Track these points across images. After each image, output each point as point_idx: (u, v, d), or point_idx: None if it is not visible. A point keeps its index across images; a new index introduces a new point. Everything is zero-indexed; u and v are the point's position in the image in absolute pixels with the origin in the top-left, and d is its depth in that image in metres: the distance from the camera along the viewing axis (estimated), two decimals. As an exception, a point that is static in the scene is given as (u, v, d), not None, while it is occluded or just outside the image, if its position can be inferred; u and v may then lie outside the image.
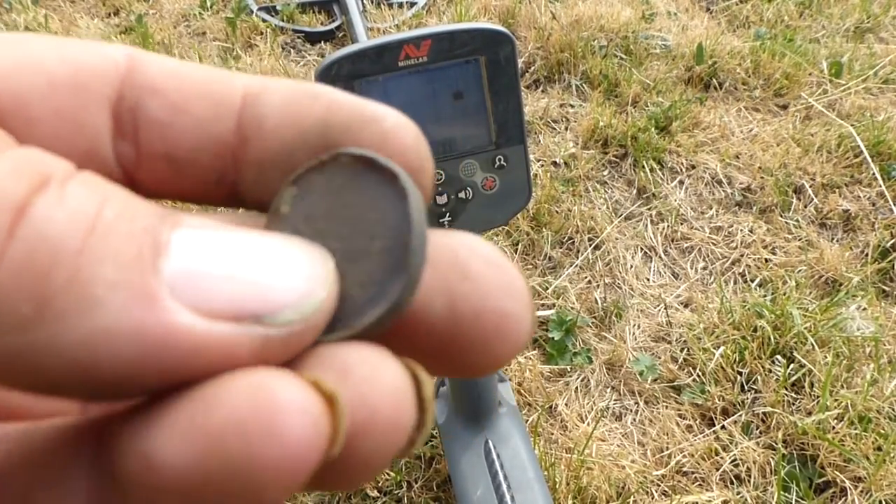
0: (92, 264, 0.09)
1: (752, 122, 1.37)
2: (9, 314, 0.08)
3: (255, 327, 0.10)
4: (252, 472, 0.09)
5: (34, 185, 0.09)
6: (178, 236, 0.10)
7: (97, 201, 0.09)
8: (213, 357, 0.09)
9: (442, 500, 0.83)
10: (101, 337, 0.09)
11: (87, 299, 0.09)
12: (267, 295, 0.10)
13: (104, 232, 0.09)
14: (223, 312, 0.09)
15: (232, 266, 0.10)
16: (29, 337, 0.09)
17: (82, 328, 0.09)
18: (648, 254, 1.14)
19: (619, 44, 1.54)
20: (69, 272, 0.09)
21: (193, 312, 0.09)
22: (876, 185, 1.21)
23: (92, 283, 0.09)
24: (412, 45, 0.48)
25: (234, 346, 0.09)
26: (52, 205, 0.09)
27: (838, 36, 1.60)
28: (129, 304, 0.09)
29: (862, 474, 0.82)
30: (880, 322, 0.97)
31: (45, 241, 0.09)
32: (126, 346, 0.09)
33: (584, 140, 1.32)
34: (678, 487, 0.84)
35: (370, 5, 1.76)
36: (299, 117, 0.12)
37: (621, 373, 0.97)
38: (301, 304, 0.10)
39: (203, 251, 0.10)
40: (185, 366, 0.09)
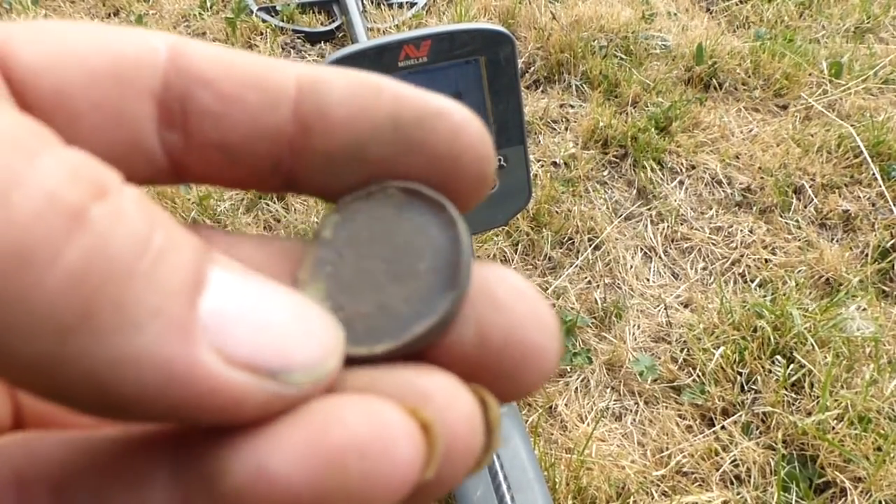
0: (142, 286, 0.09)
1: (752, 123, 1.37)
2: (51, 320, 0.08)
3: (268, 382, 0.10)
4: (366, 487, 0.09)
5: (93, 191, 0.09)
6: (216, 274, 0.10)
7: (149, 223, 0.09)
8: (224, 402, 0.09)
9: (442, 500, 0.83)
10: (131, 360, 0.09)
11: (129, 322, 0.09)
12: (285, 354, 0.10)
13: (155, 257, 0.09)
14: (244, 362, 0.10)
15: (259, 316, 0.10)
16: (63, 346, 0.09)
17: (117, 348, 0.09)
18: (648, 254, 1.14)
19: (619, 44, 1.54)
20: (120, 289, 0.09)
21: (218, 355, 0.09)
22: (876, 186, 1.21)
23: (137, 307, 0.09)
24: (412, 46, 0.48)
25: (245, 395, 0.10)
26: (112, 218, 0.09)
27: (838, 36, 1.61)
28: (165, 334, 0.09)
29: (862, 474, 0.82)
30: (880, 322, 0.97)
31: (102, 255, 0.09)
32: (152, 373, 0.09)
33: (584, 140, 1.32)
34: (678, 488, 0.84)
35: (370, 5, 1.76)
36: (369, 111, 0.12)
37: (621, 373, 0.97)
38: (314, 368, 0.10)
39: (237, 295, 0.10)
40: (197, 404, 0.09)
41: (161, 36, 0.12)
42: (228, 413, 0.10)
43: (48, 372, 0.09)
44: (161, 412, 0.09)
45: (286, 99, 0.12)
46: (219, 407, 0.09)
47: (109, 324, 0.09)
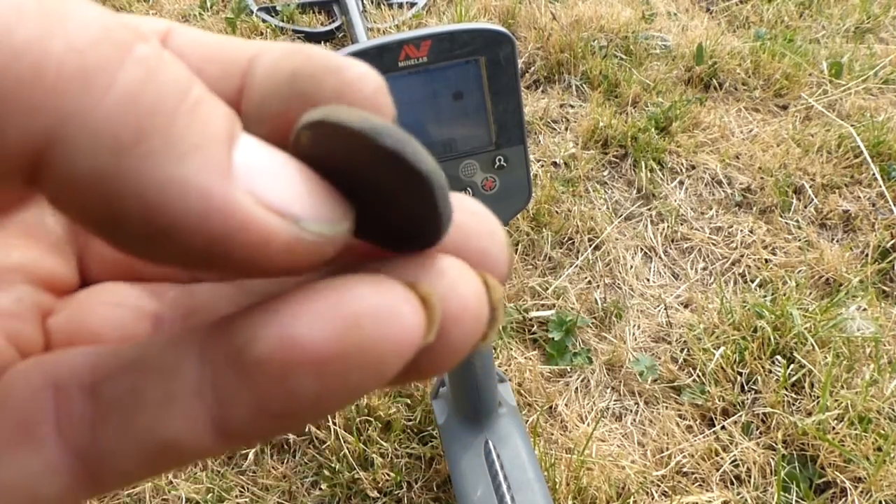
0: (185, 123, 0.10)
1: (752, 123, 1.37)
2: (107, 136, 0.10)
3: (293, 226, 0.11)
4: (378, 346, 0.11)
5: (139, 35, 0.10)
6: (244, 137, 0.11)
7: (189, 75, 0.11)
8: (254, 238, 0.11)
9: (442, 501, 0.83)
10: (176, 184, 0.10)
11: (175, 150, 0.10)
12: (308, 206, 0.11)
13: (196, 102, 0.10)
14: (272, 205, 0.11)
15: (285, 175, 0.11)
16: (119, 161, 0.10)
17: (164, 172, 0.10)
18: (648, 254, 1.14)
19: (619, 44, 1.54)
20: (167, 120, 0.10)
21: (250, 196, 0.11)
22: (876, 186, 1.21)
23: (182, 138, 0.10)
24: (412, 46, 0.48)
25: (272, 233, 0.11)
26: (157, 56, 0.10)
27: (838, 36, 1.60)
28: (206, 167, 0.10)
29: (862, 475, 0.82)
30: (880, 322, 0.97)
31: (152, 85, 0.10)
32: (194, 198, 0.10)
33: (584, 140, 1.32)
34: (678, 488, 0.84)
35: (370, 5, 1.76)
36: (276, 71, 0.13)
37: (621, 373, 0.97)
38: (331, 223, 0.12)
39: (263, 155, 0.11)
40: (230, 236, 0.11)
41: (163, 22, 0.14)
42: (257, 250, 0.11)
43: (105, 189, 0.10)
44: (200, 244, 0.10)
45: (237, 71, 0.14)
46: (249, 242, 0.11)
47: (158, 149, 0.10)
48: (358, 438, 0.86)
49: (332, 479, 0.84)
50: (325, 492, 0.84)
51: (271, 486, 0.85)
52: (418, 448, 0.86)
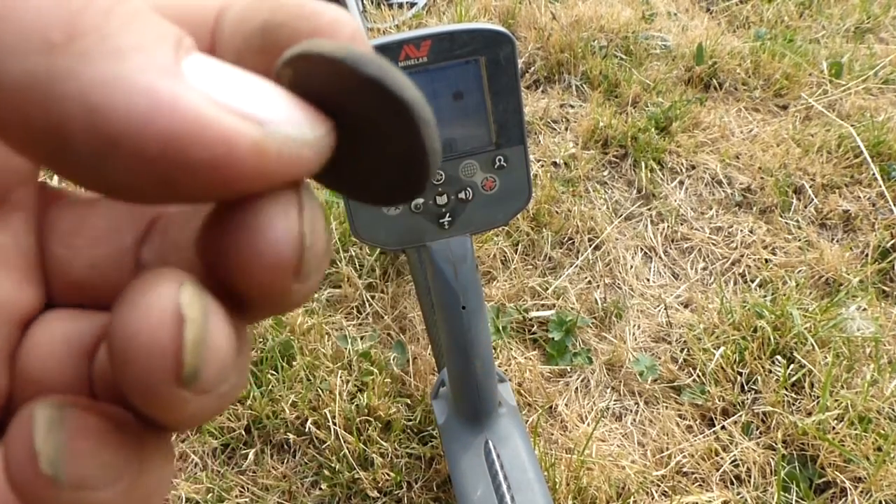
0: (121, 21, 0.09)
1: (752, 123, 1.37)
2: (39, 35, 0.09)
3: (257, 128, 0.10)
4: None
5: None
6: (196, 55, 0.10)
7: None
8: (214, 139, 0.10)
9: (442, 501, 0.83)
10: (119, 82, 0.09)
11: (112, 48, 0.09)
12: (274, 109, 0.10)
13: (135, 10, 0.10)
14: (231, 106, 0.10)
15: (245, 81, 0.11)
16: (51, 61, 0.09)
17: (103, 70, 0.09)
18: (648, 254, 1.14)
19: (619, 44, 1.54)
20: (99, 16, 0.09)
21: (203, 96, 0.10)
22: (876, 186, 1.21)
23: (119, 35, 0.09)
24: (412, 46, 0.48)
25: (233, 137, 0.10)
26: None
27: (838, 36, 1.60)
28: (149, 66, 0.09)
29: (862, 475, 0.82)
30: (880, 322, 0.97)
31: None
32: (140, 100, 0.09)
33: (584, 140, 1.32)
34: (678, 488, 0.84)
35: (370, 5, 1.76)
36: (244, 22, 0.13)
37: (621, 373, 0.97)
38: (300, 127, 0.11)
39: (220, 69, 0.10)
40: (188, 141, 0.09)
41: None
42: (220, 158, 0.10)
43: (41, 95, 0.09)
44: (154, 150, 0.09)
45: (205, 27, 0.13)
46: (208, 146, 0.10)
47: (95, 46, 0.09)
48: (358, 438, 0.86)
49: (332, 479, 0.84)
50: (325, 492, 0.84)
51: (271, 485, 0.85)
52: (418, 448, 0.86)
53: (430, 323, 0.92)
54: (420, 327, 1.01)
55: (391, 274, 1.09)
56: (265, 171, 0.10)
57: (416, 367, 0.95)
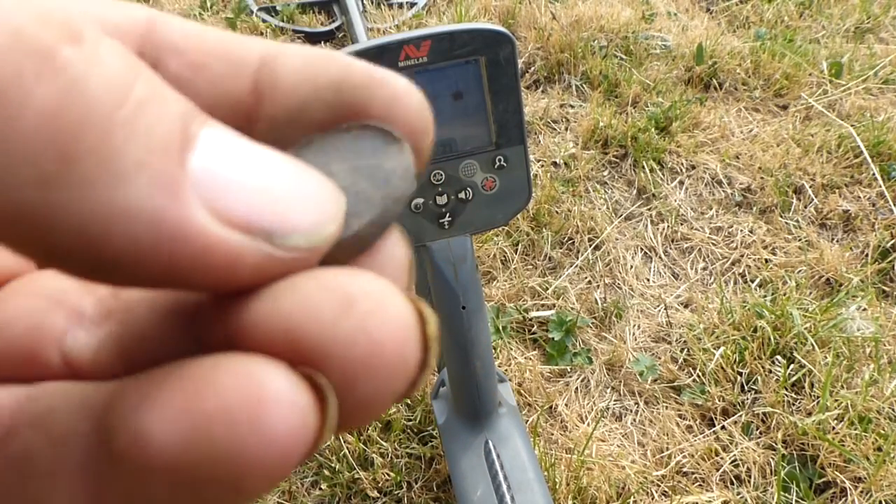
0: (123, 136, 0.09)
1: (752, 123, 1.37)
2: (31, 166, 0.08)
3: (264, 244, 0.10)
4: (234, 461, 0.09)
5: (67, 35, 0.09)
6: (207, 133, 0.10)
7: (129, 73, 0.09)
8: (218, 261, 0.09)
9: (442, 501, 0.83)
10: (119, 212, 0.09)
11: (113, 171, 0.08)
12: (283, 215, 0.10)
13: (137, 106, 0.09)
14: (238, 221, 0.09)
15: (255, 178, 0.10)
16: (47, 195, 0.08)
17: (102, 199, 0.08)
18: (648, 254, 1.14)
19: (619, 44, 1.54)
20: (99, 137, 0.08)
21: (210, 213, 0.09)
22: (876, 186, 1.21)
23: (121, 156, 0.08)
24: (412, 46, 0.48)
25: (240, 255, 0.09)
26: (88, 60, 0.09)
27: (838, 36, 1.60)
28: (153, 187, 0.09)
29: (862, 475, 0.82)
30: (880, 322, 0.97)
31: (77, 98, 0.08)
32: (141, 228, 0.09)
33: (584, 140, 1.32)
34: (678, 488, 0.84)
35: (370, 6, 1.76)
36: (315, 76, 0.13)
37: (621, 373, 0.97)
38: (311, 232, 0.10)
39: (229, 155, 0.10)
40: (189, 263, 0.09)
41: (143, 8, 0.13)
42: (224, 275, 0.09)
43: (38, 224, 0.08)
44: (157, 272, 0.09)
45: (248, 69, 0.12)
46: (213, 267, 0.09)
47: (91, 173, 0.08)
48: (358, 438, 0.86)
49: (332, 479, 0.84)
50: (325, 492, 0.84)
51: (271, 486, 0.85)
52: (418, 448, 0.86)
53: (430, 323, 0.92)
54: (420, 327, 1.01)
55: (391, 274, 1.08)
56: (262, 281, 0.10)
57: (416, 367, 0.95)
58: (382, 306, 0.10)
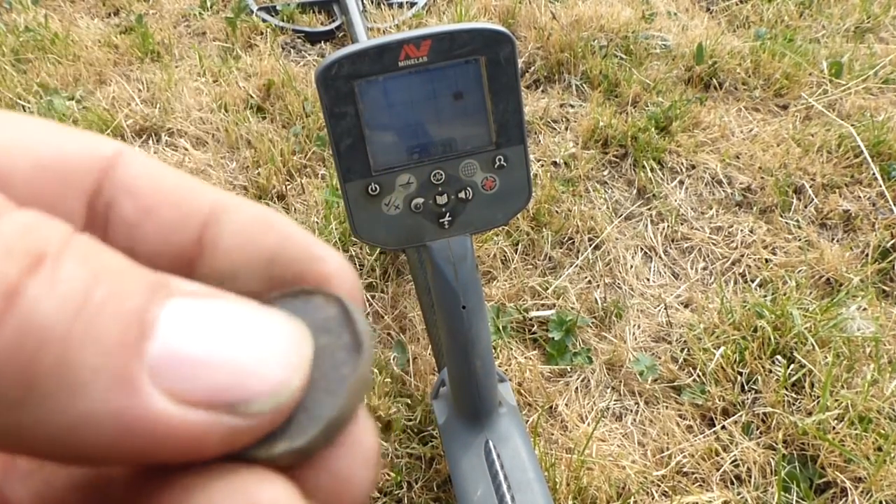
0: (78, 349, 0.09)
1: (752, 122, 1.37)
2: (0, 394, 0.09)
3: (227, 416, 0.10)
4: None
5: (26, 266, 0.09)
6: (167, 312, 0.10)
7: (88, 280, 0.10)
8: (183, 442, 0.10)
9: (442, 501, 0.83)
10: (82, 419, 0.09)
11: (72, 384, 0.09)
12: (244, 384, 0.10)
13: (92, 316, 0.09)
14: (199, 400, 0.10)
15: (215, 347, 0.10)
16: (16, 417, 0.09)
17: (66, 411, 0.09)
18: (648, 254, 1.14)
19: (619, 44, 1.54)
20: (56, 357, 0.09)
21: (170, 399, 0.10)
22: (876, 186, 1.21)
23: (77, 369, 0.09)
24: (412, 45, 0.48)
25: (204, 433, 0.10)
26: (45, 287, 0.09)
27: (838, 36, 1.60)
28: (110, 389, 0.09)
29: (862, 474, 0.82)
30: (880, 322, 0.97)
31: (33, 327, 0.09)
32: (105, 428, 0.09)
33: (584, 140, 1.32)
34: (678, 488, 0.84)
35: (370, 5, 1.75)
36: (251, 244, 0.13)
37: (621, 373, 0.97)
38: (275, 393, 0.10)
39: (190, 327, 0.10)
40: (158, 449, 0.10)
41: (113, 144, 0.13)
42: (192, 451, 0.10)
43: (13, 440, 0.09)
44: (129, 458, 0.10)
45: (196, 220, 0.13)
46: (180, 447, 0.10)
47: (53, 389, 0.09)
48: (358, 438, 0.86)
49: (332, 479, 0.84)
50: None
51: (271, 485, 0.85)
52: (418, 448, 0.86)
53: (430, 323, 0.92)
54: (420, 327, 1.01)
55: (391, 274, 1.09)
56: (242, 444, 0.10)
57: (416, 367, 0.95)
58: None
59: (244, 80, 1.50)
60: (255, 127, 1.36)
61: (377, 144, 0.51)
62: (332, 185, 1.22)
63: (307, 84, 1.49)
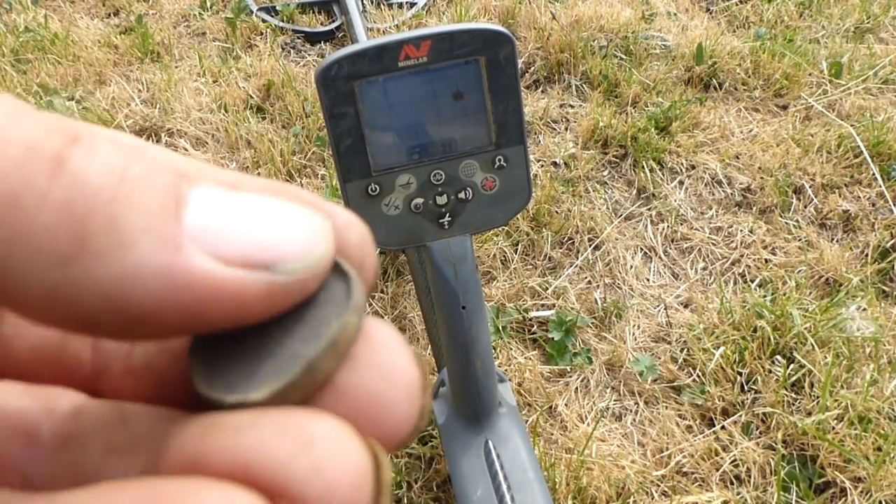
0: (125, 211, 0.10)
1: (752, 123, 1.37)
2: (51, 250, 0.10)
3: (264, 273, 0.11)
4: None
5: (67, 139, 0.10)
6: (196, 193, 0.11)
7: (124, 157, 0.11)
8: (228, 297, 0.11)
9: (442, 501, 0.83)
10: (132, 274, 0.10)
11: (121, 241, 0.10)
12: (275, 247, 0.11)
13: (133, 184, 0.10)
14: (236, 260, 0.11)
15: (243, 222, 0.11)
16: (68, 271, 0.10)
17: (117, 265, 0.10)
18: (648, 254, 1.14)
19: (619, 44, 1.54)
20: (105, 216, 0.10)
21: (212, 258, 0.11)
22: (876, 186, 1.21)
23: (125, 228, 0.10)
24: (412, 46, 0.48)
25: (245, 288, 0.11)
26: (87, 157, 0.10)
27: (838, 36, 1.60)
28: (156, 247, 0.10)
29: (862, 475, 0.82)
30: (880, 322, 0.97)
31: (83, 188, 0.10)
32: (154, 283, 0.10)
33: (584, 140, 1.32)
34: (678, 488, 0.84)
35: (370, 5, 1.76)
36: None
37: (621, 373, 0.97)
38: (303, 256, 0.11)
39: (218, 208, 0.11)
40: (204, 304, 0.10)
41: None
42: (236, 308, 0.11)
43: (66, 298, 0.10)
44: (177, 319, 0.10)
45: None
46: (225, 303, 0.11)
47: (104, 245, 0.10)
48: (358, 438, 0.86)
49: (332, 479, 0.84)
50: None
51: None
52: (418, 448, 0.86)
53: (430, 323, 0.92)
54: (420, 327, 1.01)
55: (391, 274, 1.09)
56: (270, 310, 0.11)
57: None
58: (339, 450, 0.10)
59: (244, 80, 1.50)
60: (255, 127, 1.36)
61: (377, 145, 0.51)
62: (332, 185, 1.23)
63: (307, 84, 1.49)
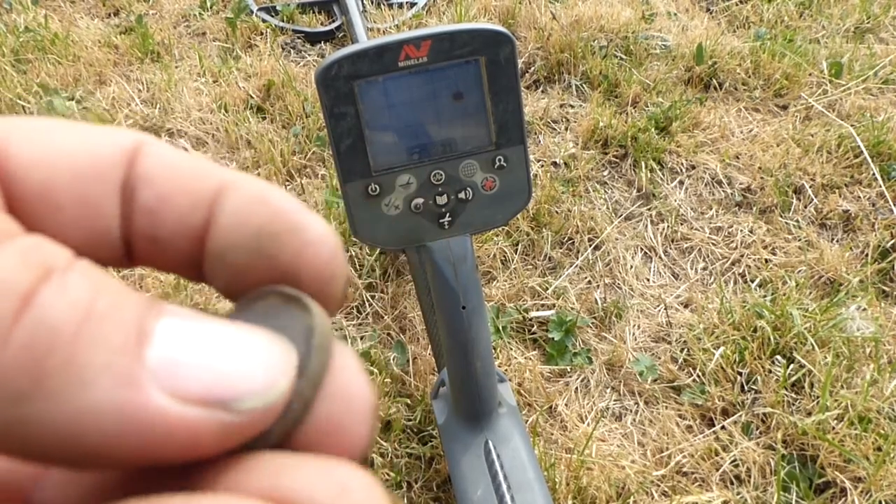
0: (86, 349, 0.10)
1: (752, 123, 1.37)
2: (9, 388, 0.10)
3: (221, 412, 0.11)
4: None
5: (39, 275, 0.10)
6: (161, 326, 0.11)
7: (93, 291, 0.11)
8: (181, 437, 0.11)
9: (442, 501, 0.83)
10: (88, 413, 0.10)
11: (79, 380, 0.10)
12: (233, 384, 0.11)
13: (98, 320, 0.10)
14: (194, 397, 0.11)
15: (205, 355, 0.11)
16: (25, 409, 0.10)
17: (72, 404, 0.10)
18: (648, 254, 1.14)
19: (619, 44, 1.54)
20: (65, 355, 0.10)
21: (169, 396, 0.11)
22: (876, 186, 1.21)
23: (84, 366, 0.10)
24: (412, 46, 0.48)
25: (199, 428, 0.11)
26: (56, 293, 0.10)
27: (838, 36, 1.60)
28: (114, 385, 0.10)
29: (862, 474, 0.82)
30: (880, 322, 0.97)
31: (45, 328, 0.10)
32: (109, 422, 0.10)
33: (584, 140, 1.32)
34: (678, 488, 0.84)
35: (370, 5, 1.76)
36: (244, 220, 0.14)
37: (621, 373, 0.97)
38: (264, 393, 0.11)
39: (182, 340, 0.11)
40: (159, 444, 0.10)
41: (131, 135, 0.14)
42: (189, 448, 0.11)
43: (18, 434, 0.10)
44: (130, 456, 0.10)
45: (205, 204, 0.14)
46: (178, 442, 0.11)
47: (61, 385, 0.10)
48: (358, 438, 0.86)
49: (332, 479, 0.84)
50: None
51: (271, 486, 0.85)
52: (418, 448, 0.86)
53: (430, 323, 0.92)
54: (420, 327, 1.01)
55: (391, 274, 1.09)
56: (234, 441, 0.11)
57: (416, 367, 0.95)
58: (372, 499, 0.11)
59: (244, 80, 1.50)
60: (255, 127, 1.36)
61: (377, 145, 0.51)
62: (332, 185, 1.23)
63: (307, 84, 1.49)
